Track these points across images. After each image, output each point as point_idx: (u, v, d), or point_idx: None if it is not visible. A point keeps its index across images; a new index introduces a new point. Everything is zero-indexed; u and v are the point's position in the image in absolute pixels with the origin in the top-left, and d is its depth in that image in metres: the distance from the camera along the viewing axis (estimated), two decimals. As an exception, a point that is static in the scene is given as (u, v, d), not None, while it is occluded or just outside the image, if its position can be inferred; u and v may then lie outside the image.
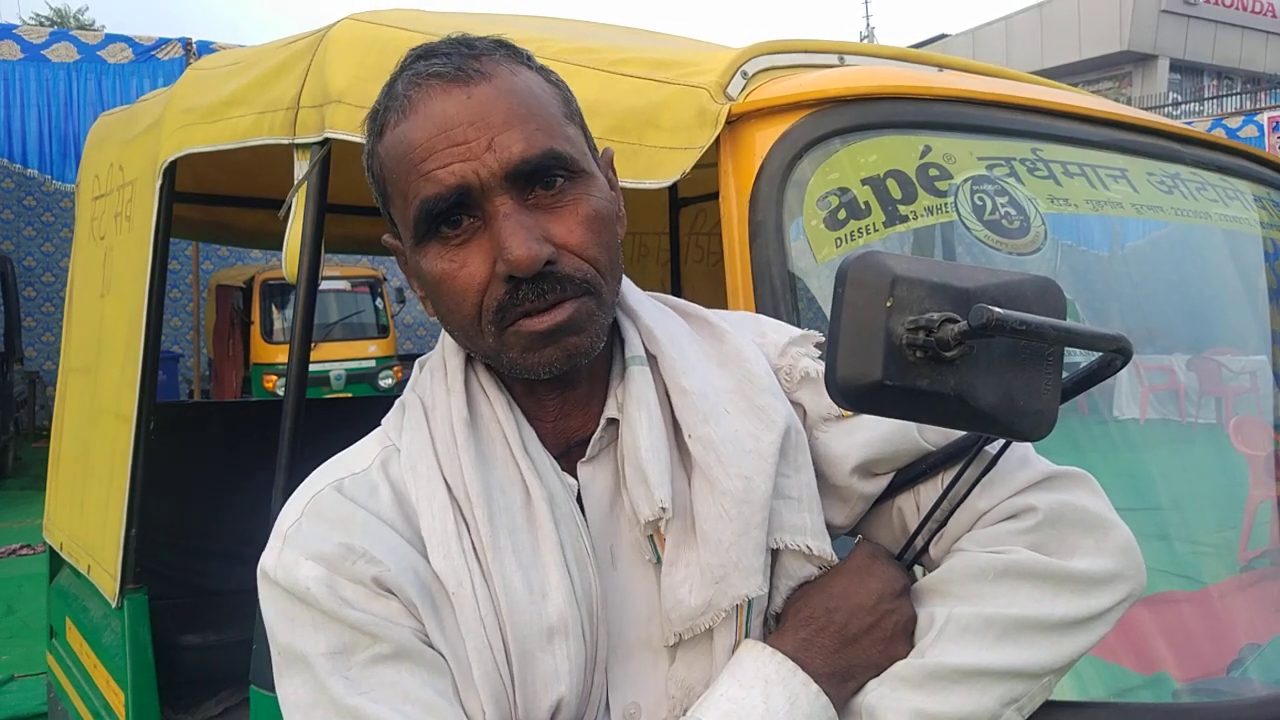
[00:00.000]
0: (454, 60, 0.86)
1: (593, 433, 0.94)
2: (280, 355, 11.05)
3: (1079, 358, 0.89)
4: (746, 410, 0.93)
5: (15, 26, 10.27)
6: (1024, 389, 0.79)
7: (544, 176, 0.85)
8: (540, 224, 0.85)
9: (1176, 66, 26.46)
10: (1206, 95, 25.83)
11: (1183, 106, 23.49)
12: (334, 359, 11.26)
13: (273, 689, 0.88)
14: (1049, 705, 0.92)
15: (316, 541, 0.86)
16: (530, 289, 0.84)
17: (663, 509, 0.87)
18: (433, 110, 0.85)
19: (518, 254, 0.82)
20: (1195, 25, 26.04)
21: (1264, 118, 15.73)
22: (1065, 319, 0.78)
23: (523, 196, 0.85)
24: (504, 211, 0.84)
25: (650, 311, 0.98)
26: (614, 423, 0.94)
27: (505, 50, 0.90)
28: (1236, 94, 24.76)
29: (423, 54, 0.88)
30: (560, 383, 0.92)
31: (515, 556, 0.86)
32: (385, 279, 12.67)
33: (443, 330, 0.97)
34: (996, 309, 0.73)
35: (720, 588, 0.87)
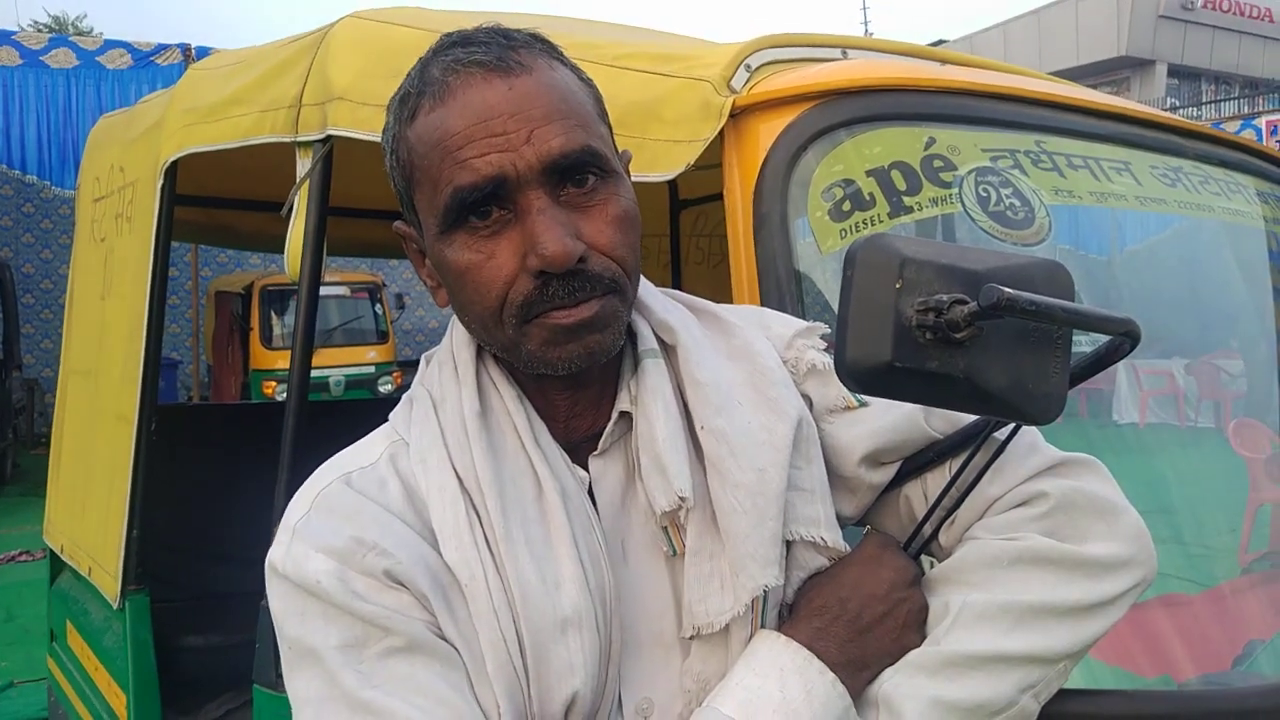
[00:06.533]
0: (494, 50, 0.85)
1: (602, 428, 0.93)
2: (279, 361, 11.05)
3: (1085, 347, 0.89)
4: (758, 402, 0.92)
5: (14, 33, 10.30)
6: (1033, 371, 0.79)
7: (577, 173, 0.85)
8: (572, 221, 0.84)
9: (1174, 71, 26.49)
10: (1204, 100, 25.85)
11: (1180, 112, 23.50)
12: (334, 364, 11.26)
13: (275, 687, 0.87)
14: (1063, 693, 0.92)
15: (326, 534, 0.85)
16: (560, 286, 0.83)
17: (681, 498, 0.87)
18: (472, 98, 0.84)
19: (553, 250, 0.81)
20: (1193, 30, 26.08)
21: (1262, 122, 15.81)
22: (1074, 301, 0.78)
23: (556, 192, 0.84)
24: (538, 206, 0.83)
25: (662, 304, 0.98)
26: (624, 416, 0.93)
27: (542, 44, 0.90)
28: (1234, 99, 24.78)
29: (460, 40, 0.87)
30: (573, 381, 0.91)
31: (528, 548, 0.85)
32: (384, 284, 12.68)
33: (452, 323, 0.96)
34: (1007, 289, 0.72)
35: (739, 580, 0.86)
